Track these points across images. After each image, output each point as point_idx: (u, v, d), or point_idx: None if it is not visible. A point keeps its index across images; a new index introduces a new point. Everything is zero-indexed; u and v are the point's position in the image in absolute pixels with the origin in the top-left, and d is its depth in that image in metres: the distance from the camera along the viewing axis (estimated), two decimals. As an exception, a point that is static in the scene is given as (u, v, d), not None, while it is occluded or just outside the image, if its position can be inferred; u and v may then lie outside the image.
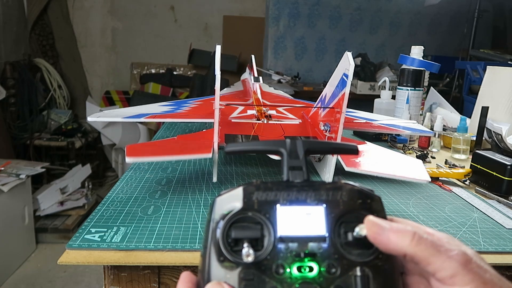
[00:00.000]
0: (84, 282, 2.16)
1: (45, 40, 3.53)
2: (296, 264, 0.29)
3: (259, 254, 0.29)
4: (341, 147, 0.37)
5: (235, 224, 0.30)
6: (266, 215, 0.30)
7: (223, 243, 0.29)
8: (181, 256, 0.57)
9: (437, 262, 0.28)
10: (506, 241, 0.65)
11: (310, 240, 0.30)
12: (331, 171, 0.84)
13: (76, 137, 3.09)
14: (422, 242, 0.28)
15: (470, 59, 3.05)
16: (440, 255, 0.28)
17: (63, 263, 0.54)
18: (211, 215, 0.31)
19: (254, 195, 0.31)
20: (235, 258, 0.29)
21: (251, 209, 0.30)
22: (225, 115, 1.00)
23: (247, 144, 0.35)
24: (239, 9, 3.80)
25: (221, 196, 0.31)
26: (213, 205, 0.31)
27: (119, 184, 0.83)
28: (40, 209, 2.52)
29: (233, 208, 0.30)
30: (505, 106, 1.27)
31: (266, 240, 0.29)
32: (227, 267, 0.29)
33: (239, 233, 0.29)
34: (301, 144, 0.34)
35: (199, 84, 3.33)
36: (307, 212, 0.30)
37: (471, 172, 0.92)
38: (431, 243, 0.28)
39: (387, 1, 3.64)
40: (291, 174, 0.33)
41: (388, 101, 1.36)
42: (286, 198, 0.31)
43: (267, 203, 0.31)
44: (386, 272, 0.29)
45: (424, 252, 0.28)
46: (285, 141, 0.34)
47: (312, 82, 3.53)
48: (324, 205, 0.31)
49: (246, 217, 0.30)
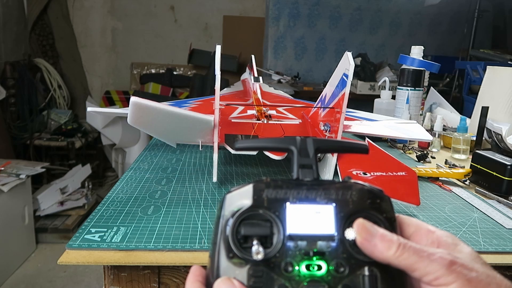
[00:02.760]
0: (84, 282, 2.16)
1: (45, 40, 3.53)
2: (304, 262, 0.29)
3: (268, 252, 0.29)
4: (352, 146, 0.36)
5: (244, 221, 0.30)
6: (276, 213, 0.30)
7: (232, 240, 0.29)
8: (181, 256, 0.57)
9: (420, 268, 0.28)
10: (506, 241, 0.65)
11: (319, 238, 0.30)
12: (331, 171, 0.84)
13: (76, 137, 3.09)
14: (405, 251, 0.29)
15: (470, 59, 3.05)
16: (423, 260, 0.28)
17: (63, 263, 0.54)
18: (220, 212, 0.31)
19: (264, 192, 0.31)
20: (244, 255, 0.29)
21: (261, 207, 0.30)
22: (225, 115, 1.00)
23: (257, 141, 0.35)
24: (239, 9, 3.80)
25: (231, 193, 0.31)
26: (223, 202, 0.31)
27: (119, 184, 0.83)
28: (40, 209, 2.52)
29: (243, 205, 0.30)
30: (505, 106, 1.27)
31: (275, 238, 0.30)
32: (236, 263, 0.29)
33: (249, 230, 0.29)
34: (312, 142, 0.34)
35: (199, 84, 3.33)
36: (317, 210, 0.31)
37: (471, 172, 0.92)
38: (414, 250, 0.29)
39: (387, 1, 3.64)
40: (301, 172, 0.32)
41: (388, 101, 1.36)
42: (296, 196, 0.31)
43: (276, 201, 0.31)
44: (394, 272, 0.29)
45: (407, 260, 0.28)
46: (295, 139, 0.34)
47: (312, 82, 3.53)
48: (333, 204, 0.31)
49: (255, 215, 0.30)
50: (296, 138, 0.34)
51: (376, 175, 0.76)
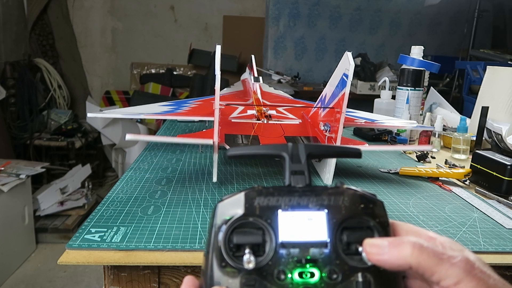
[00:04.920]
0: (84, 282, 2.16)
1: (45, 40, 3.53)
2: (297, 270, 0.29)
3: (261, 260, 0.29)
4: (344, 150, 0.36)
5: (236, 229, 0.30)
6: (268, 221, 0.30)
7: (225, 248, 0.29)
8: (181, 256, 0.57)
9: (441, 271, 0.27)
10: (506, 241, 0.65)
11: (312, 245, 0.30)
12: (331, 171, 0.84)
13: (76, 137, 3.09)
14: (423, 251, 0.28)
15: (470, 59, 3.05)
16: (443, 264, 0.27)
17: (63, 263, 0.54)
18: (213, 221, 0.31)
19: (256, 200, 0.31)
20: (237, 263, 0.29)
21: (253, 215, 0.30)
22: (225, 115, 1.00)
23: (249, 148, 0.35)
24: (239, 9, 3.80)
25: (222, 202, 0.31)
26: (215, 211, 0.31)
27: (119, 184, 0.83)
28: (40, 209, 2.52)
29: (235, 213, 0.30)
30: (505, 106, 1.27)
31: (268, 246, 0.30)
32: (229, 272, 0.29)
33: (241, 239, 0.29)
34: (303, 148, 0.34)
35: (199, 84, 3.33)
36: (309, 217, 0.30)
37: (471, 172, 0.92)
38: (433, 252, 0.28)
39: (387, 1, 3.64)
40: (293, 178, 0.32)
41: (388, 101, 1.36)
42: (288, 203, 0.31)
43: (268, 209, 0.31)
44: (387, 277, 0.29)
45: (427, 262, 0.28)
46: (287, 145, 0.34)
47: (312, 82, 3.53)
48: (325, 210, 0.31)
49: (247, 223, 0.30)
50: (288, 144, 0.34)
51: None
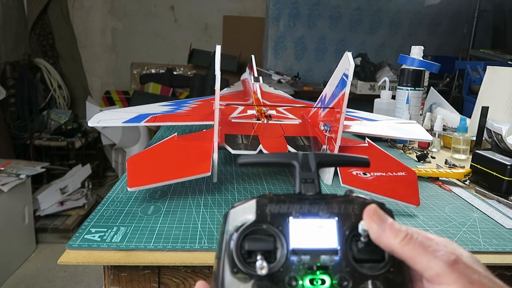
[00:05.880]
0: (84, 282, 2.16)
1: (45, 40, 3.53)
2: (308, 277, 0.29)
3: (272, 266, 0.29)
4: (353, 160, 0.37)
5: (248, 236, 0.30)
6: (279, 228, 0.31)
7: (236, 255, 0.30)
8: (181, 256, 0.57)
9: (423, 261, 0.29)
10: (506, 241, 0.65)
11: (322, 253, 0.30)
12: (331, 172, 0.84)
13: (76, 137, 3.09)
14: (411, 241, 0.29)
15: (470, 59, 3.05)
16: (426, 254, 0.29)
17: (63, 263, 0.54)
18: (224, 227, 0.31)
19: (267, 207, 0.31)
20: (249, 270, 0.29)
21: (264, 222, 0.31)
22: (225, 115, 1.00)
23: (260, 156, 0.36)
24: (239, 9, 3.80)
25: (234, 208, 0.32)
26: (227, 217, 0.32)
27: (119, 184, 0.83)
28: (40, 209, 2.52)
29: (246, 220, 0.31)
30: (505, 106, 1.27)
31: (279, 252, 0.30)
32: (241, 278, 0.29)
33: (253, 245, 0.30)
34: (313, 157, 0.35)
35: (199, 84, 3.33)
36: (320, 225, 0.31)
37: (471, 172, 0.92)
38: (420, 243, 0.29)
39: (387, 1, 3.64)
40: (303, 186, 0.33)
41: (388, 101, 1.36)
42: (299, 210, 0.31)
43: (280, 216, 0.31)
44: (397, 285, 0.30)
45: (411, 251, 0.29)
46: (297, 154, 0.35)
47: (312, 82, 3.53)
48: (336, 218, 0.31)
49: (259, 229, 0.31)
50: (298, 153, 0.35)
51: (376, 175, 0.76)
